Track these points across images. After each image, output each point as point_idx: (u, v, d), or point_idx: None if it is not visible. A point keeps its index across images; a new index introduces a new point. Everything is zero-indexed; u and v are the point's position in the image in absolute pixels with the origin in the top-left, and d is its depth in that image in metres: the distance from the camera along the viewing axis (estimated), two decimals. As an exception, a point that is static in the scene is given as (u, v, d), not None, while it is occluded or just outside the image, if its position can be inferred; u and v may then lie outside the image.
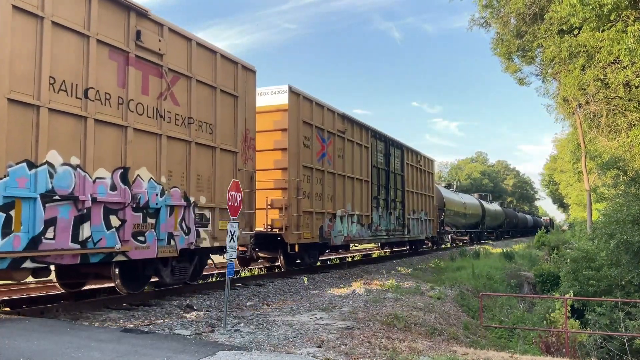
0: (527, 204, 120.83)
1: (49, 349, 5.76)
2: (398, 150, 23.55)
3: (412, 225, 25.03)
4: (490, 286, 18.37)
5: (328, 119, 17.00)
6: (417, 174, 26.25)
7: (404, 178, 23.92)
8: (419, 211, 26.09)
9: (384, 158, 21.76)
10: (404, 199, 23.75)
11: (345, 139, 18.09)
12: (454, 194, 39.13)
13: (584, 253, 17.81)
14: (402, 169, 23.82)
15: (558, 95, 26.45)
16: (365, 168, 19.79)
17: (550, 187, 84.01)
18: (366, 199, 19.62)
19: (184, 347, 6.12)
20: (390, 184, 22.09)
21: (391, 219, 21.96)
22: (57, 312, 8.62)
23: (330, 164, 16.90)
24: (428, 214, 27.91)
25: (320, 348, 6.52)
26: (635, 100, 21.36)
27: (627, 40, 16.83)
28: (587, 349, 12.93)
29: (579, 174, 38.75)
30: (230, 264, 8.13)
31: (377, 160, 20.96)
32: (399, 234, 23.02)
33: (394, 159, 22.79)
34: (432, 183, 29.32)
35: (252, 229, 12.70)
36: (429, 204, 28.30)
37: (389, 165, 22.13)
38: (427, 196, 27.78)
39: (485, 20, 26.15)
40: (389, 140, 22.55)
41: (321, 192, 16.18)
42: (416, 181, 25.98)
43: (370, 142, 20.37)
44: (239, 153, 12.35)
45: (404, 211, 23.64)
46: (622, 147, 22.90)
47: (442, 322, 10.85)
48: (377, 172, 20.98)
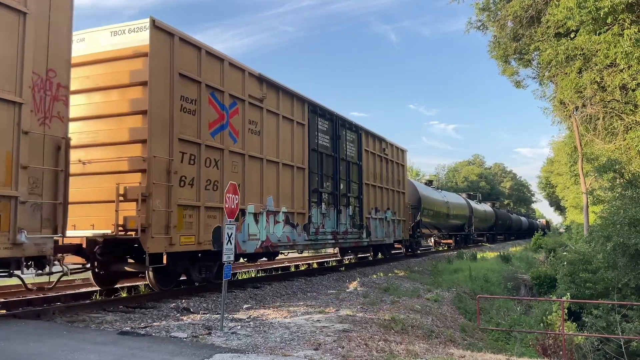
0: (524, 206, 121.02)
1: (45, 351, 5.74)
2: (352, 134, 18.87)
3: (375, 227, 20.50)
4: (487, 289, 18.39)
5: (232, 79, 12.30)
6: (382, 164, 21.78)
7: (362, 168, 19.35)
8: (383, 210, 21.62)
9: (331, 141, 17.07)
10: (362, 194, 19.23)
11: (264, 110, 13.44)
12: (435, 191, 34.47)
13: (581, 256, 17.84)
14: (359, 156, 19.21)
15: (555, 98, 26.52)
16: (300, 151, 15.11)
17: (547, 189, 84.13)
18: (301, 191, 15.00)
19: (181, 349, 6.10)
20: (339, 174, 17.39)
21: (341, 219, 17.31)
22: (53, 314, 8.59)
23: (236, 141, 12.28)
24: (398, 213, 23.45)
25: (317, 351, 6.51)
26: (631, 103, 21.42)
27: (624, 44, 16.92)
28: (583, 352, 12.94)
29: (575, 176, 38.88)
30: (227, 266, 8.14)
31: (318, 143, 16.17)
32: (354, 238, 18.45)
33: (345, 143, 18.19)
34: (403, 177, 24.73)
35: (57, 230, 8.37)
36: (400, 202, 23.84)
37: (339, 151, 17.45)
38: (396, 192, 23.31)
39: (482, 23, 26.22)
40: (338, 119, 17.76)
41: (219, 180, 11.56)
42: (380, 173, 21.44)
43: (307, 119, 15.59)
44: (25, 105, 7.88)
45: (362, 209, 19.12)
46: (619, 150, 22.97)
47: (439, 325, 10.86)
48: (320, 159, 16.25)
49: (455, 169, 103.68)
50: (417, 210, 27.64)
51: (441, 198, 34.07)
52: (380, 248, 23.54)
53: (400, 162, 24.28)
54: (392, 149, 23.24)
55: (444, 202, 34.25)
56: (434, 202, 31.85)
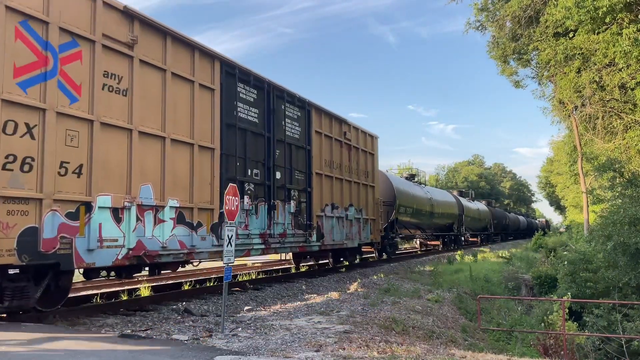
0: (524, 206, 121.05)
1: (46, 355, 5.73)
2: (296, 110, 15.00)
3: (330, 227, 16.47)
4: (488, 289, 18.39)
5: (70, 7, 8.51)
6: (343, 151, 17.98)
7: (311, 154, 15.55)
8: (344, 207, 17.61)
9: (262, 117, 13.32)
10: (311, 186, 15.37)
11: (135, 61, 9.57)
12: (416, 186, 30.20)
13: (581, 255, 17.82)
14: (308, 139, 15.47)
15: (554, 97, 26.58)
16: (206, 126, 11.23)
17: (547, 189, 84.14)
18: (208, 180, 11.17)
19: (182, 352, 6.10)
20: (274, 160, 13.66)
21: (277, 217, 13.52)
22: (54, 317, 8.59)
23: (75, 99, 8.47)
24: (365, 210, 19.54)
25: (318, 352, 6.51)
26: (630, 102, 21.43)
27: (622, 43, 16.93)
28: (585, 351, 12.94)
29: (575, 176, 38.86)
30: (228, 268, 8.16)
31: (238, 117, 12.35)
32: (297, 241, 14.49)
33: (285, 120, 14.35)
34: (373, 168, 20.83)
35: None
36: (368, 198, 20.00)
37: (274, 130, 13.69)
38: (363, 186, 19.56)
39: (480, 23, 26.24)
40: (273, 88, 13.83)
41: (35, 156, 7.81)
42: (340, 162, 17.64)
43: (219, 83, 11.71)
44: None
45: (311, 205, 15.21)
46: (618, 149, 22.96)
47: (440, 325, 10.86)
48: (243, 138, 12.48)
49: (455, 169, 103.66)
50: (390, 207, 23.36)
51: (423, 194, 29.95)
52: (342, 253, 19.08)
53: (369, 151, 20.42)
54: (358, 134, 19.48)
55: (427, 199, 30.15)
56: (414, 198, 27.61)
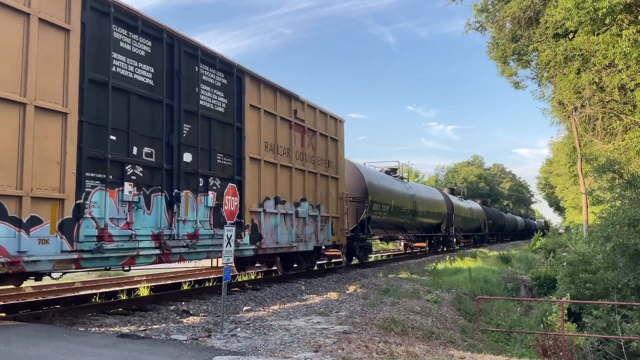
0: (524, 207, 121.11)
1: (44, 354, 5.73)
2: (220, 76, 11.82)
3: (272, 226, 13.35)
4: (487, 289, 18.39)
5: None
6: (292, 134, 14.71)
7: (243, 134, 12.42)
8: (292, 201, 14.38)
9: (160, 78, 10.04)
10: (242, 174, 12.27)
11: None
12: (396, 181, 26.24)
13: (581, 256, 17.83)
14: (238, 115, 12.31)
15: (554, 98, 26.60)
16: (49, 79, 8.02)
17: (546, 190, 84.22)
18: (52, 157, 7.99)
19: (181, 352, 6.10)
20: (182, 137, 10.46)
21: (183, 213, 10.35)
22: (53, 317, 8.59)
23: None
24: (325, 207, 16.30)
25: (317, 352, 6.51)
26: (630, 103, 21.46)
27: (622, 44, 16.96)
28: (584, 352, 12.95)
29: (574, 177, 38.92)
30: (227, 268, 8.16)
31: (115, 73, 9.13)
32: (220, 243, 10.60)
33: (201, 87, 11.15)
34: (337, 157, 17.57)
35: None
36: (330, 192, 16.76)
37: (181, 97, 10.52)
38: (322, 177, 16.29)
39: (480, 24, 26.31)
40: (181, 42, 10.71)
41: None
42: (287, 147, 14.44)
43: (79, 20, 8.48)
44: None
45: (242, 199, 12.15)
46: (618, 150, 23.00)
47: (439, 326, 10.86)
48: (123, 102, 9.27)
49: (454, 170, 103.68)
50: (361, 204, 20.26)
51: (405, 190, 26.18)
52: (294, 258, 15.84)
53: (331, 136, 17.12)
54: (315, 115, 16.11)
55: (409, 196, 26.31)
56: (392, 194, 23.60)
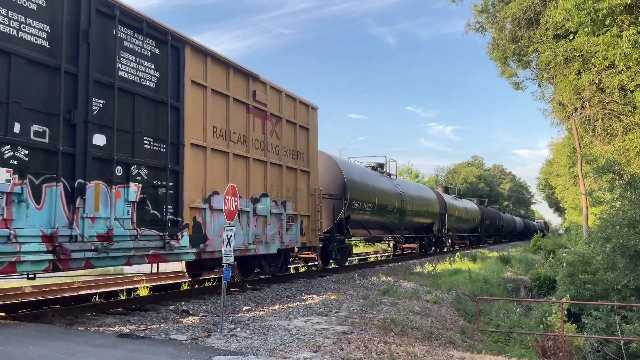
0: (524, 207, 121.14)
1: (44, 354, 5.73)
2: (149, 43, 9.86)
3: (222, 226, 10.88)
4: (487, 290, 18.39)
5: None
6: (250, 119, 12.84)
7: (182, 116, 10.48)
8: (249, 197, 12.50)
9: (57, 37, 8.24)
10: (180, 163, 10.37)
11: None
12: (383, 178, 24.17)
13: (580, 257, 17.84)
14: (176, 93, 10.39)
15: (554, 99, 26.62)
16: None
17: (546, 191, 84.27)
18: None
19: (180, 352, 6.10)
20: (91, 113, 8.57)
21: (90, 208, 8.49)
22: (52, 317, 8.59)
23: None
24: (292, 204, 14.44)
25: (316, 353, 6.51)
26: (630, 104, 21.46)
27: (622, 45, 16.96)
28: (583, 353, 12.95)
29: (574, 178, 38.95)
30: (227, 268, 8.17)
31: None
32: (146, 246, 9.37)
33: (121, 55, 9.25)
34: (308, 148, 15.64)
35: None
36: (299, 187, 14.90)
37: (90, 64, 8.62)
38: (289, 170, 14.45)
39: (480, 25, 26.32)
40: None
41: None
42: (244, 133, 12.57)
43: None
44: None
45: (179, 192, 10.25)
46: (618, 151, 23.01)
47: (439, 327, 10.86)
48: (4, 68, 7.49)
49: (454, 171, 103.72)
50: (338, 202, 18.36)
51: (392, 187, 24.15)
52: (254, 261, 13.71)
53: (300, 124, 15.19)
54: (280, 99, 14.21)
55: (397, 194, 24.24)
56: (376, 191, 21.69)
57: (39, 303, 10.23)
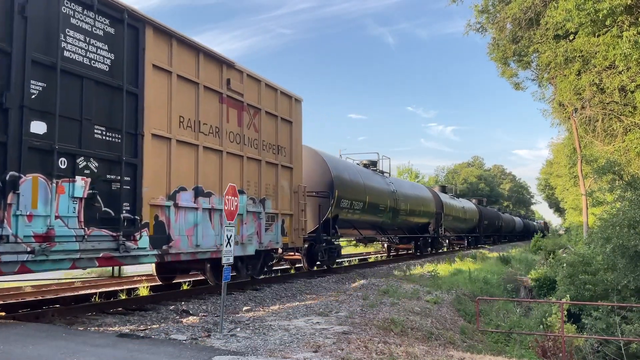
0: (524, 208, 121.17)
1: (44, 354, 5.73)
2: (102, 21, 8.89)
3: (190, 225, 10.46)
4: (487, 290, 18.39)
5: None
6: (224, 109, 11.77)
7: (141, 104, 9.44)
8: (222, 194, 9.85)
9: None
10: (139, 155, 9.33)
11: None
12: (375, 175, 23.16)
13: (580, 257, 17.85)
14: (134, 77, 9.35)
15: (554, 100, 26.65)
16: None
17: (546, 191, 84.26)
18: None
19: (180, 352, 6.10)
20: (27, 96, 7.55)
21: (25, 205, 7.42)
22: (52, 316, 8.59)
23: None
24: (273, 202, 13.48)
25: (316, 353, 6.51)
26: (630, 105, 21.48)
27: (623, 45, 16.98)
28: (583, 354, 12.95)
29: (574, 178, 38.96)
30: (227, 268, 8.17)
31: None
32: (95, 248, 8.34)
33: (67, 33, 8.24)
34: (291, 143, 14.67)
35: None
36: (280, 184, 13.91)
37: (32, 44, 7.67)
38: (269, 166, 13.44)
39: (481, 25, 26.33)
40: None
41: None
42: (216, 125, 11.51)
43: None
44: None
45: (137, 188, 9.23)
46: (618, 152, 23.02)
47: (438, 327, 10.86)
48: None
49: (454, 171, 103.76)
50: (325, 200, 17.36)
51: (384, 186, 23.12)
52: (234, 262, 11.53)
53: (282, 116, 14.22)
54: (259, 89, 13.17)
55: (389, 192, 23.17)
56: (367, 189, 20.66)
57: (38, 303, 10.23)
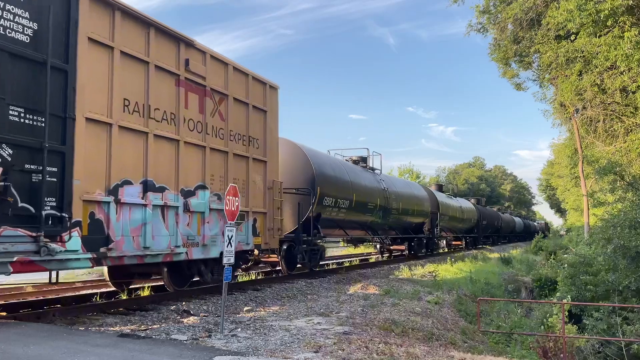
0: (525, 208, 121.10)
1: (45, 354, 5.74)
2: None
3: (138, 223, 9.18)
4: (488, 291, 18.38)
5: None
6: (182, 93, 10.43)
7: (71, 81, 8.05)
8: (178, 189, 10.13)
9: None
10: (68, 142, 7.94)
11: None
12: (365, 172, 21.75)
13: (582, 258, 17.82)
14: (64, 51, 7.98)
15: (555, 100, 26.63)
16: None
17: (547, 192, 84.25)
18: None
19: (181, 352, 6.10)
20: None
21: None
22: (53, 316, 8.59)
23: None
24: (244, 198, 12.03)
25: (317, 353, 6.51)
26: (632, 105, 21.46)
27: (624, 46, 16.97)
28: (584, 354, 12.93)
29: (576, 179, 38.91)
30: (228, 268, 8.18)
31: None
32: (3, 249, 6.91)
33: None
34: (265, 134, 13.30)
35: None
36: (252, 178, 12.62)
37: None
38: (238, 159, 12.13)
39: (482, 25, 26.29)
40: None
41: None
42: (173, 111, 10.20)
43: None
44: None
45: (65, 180, 7.84)
46: (619, 152, 23.01)
47: (439, 327, 10.85)
48: None
49: (455, 171, 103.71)
50: (309, 199, 15.96)
51: (375, 184, 21.72)
52: (192, 266, 11.14)
53: (254, 105, 12.81)
54: (226, 73, 11.82)
55: (380, 190, 21.75)
56: (353, 187, 19.12)
57: (40, 303, 10.24)
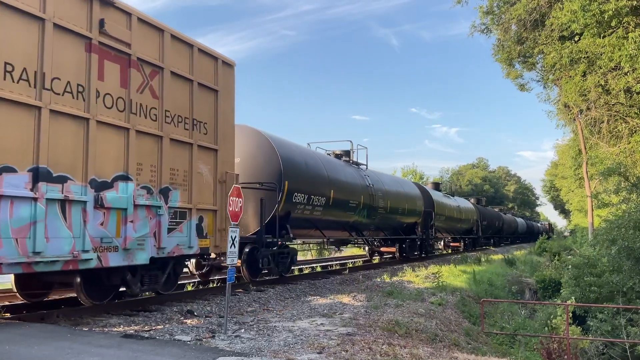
0: (529, 209, 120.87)
1: (49, 354, 5.75)
2: None
3: (21, 223, 6.95)
4: (492, 292, 18.36)
5: None
6: (91, 59, 8.14)
7: None
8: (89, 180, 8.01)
9: None
10: None
11: None
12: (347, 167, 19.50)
13: (586, 259, 17.79)
14: None
15: (559, 101, 26.56)
16: None
17: (551, 193, 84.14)
18: None
19: (185, 352, 6.10)
20: None
21: None
22: (57, 317, 8.60)
23: None
24: (182, 193, 9.93)
25: (320, 354, 6.51)
26: (636, 106, 21.40)
27: (628, 47, 16.93)
28: (588, 356, 12.91)
29: (580, 180, 38.82)
30: (231, 269, 8.18)
31: None
32: None
33: None
34: (216, 117, 11.03)
35: None
36: (197, 169, 10.35)
37: None
38: (178, 145, 9.92)
39: (486, 26, 26.30)
40: None
41: None
42: (78, 81, 7.96)
43: None
44: None
45: None
46: (624, 153, 22.94)
47: (443, 329, 10.84)
48: None
49: (459, 172, 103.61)
50: (275, 195, 13.81)
51: (358, 179, 19.45)
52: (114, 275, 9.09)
53: (203, 83, 10.68)
54: (161, 41, 9.61)
55: (363, 187, 19.51)
56: (331, 182, 16.98)
57: (43, 303, 10.26)
